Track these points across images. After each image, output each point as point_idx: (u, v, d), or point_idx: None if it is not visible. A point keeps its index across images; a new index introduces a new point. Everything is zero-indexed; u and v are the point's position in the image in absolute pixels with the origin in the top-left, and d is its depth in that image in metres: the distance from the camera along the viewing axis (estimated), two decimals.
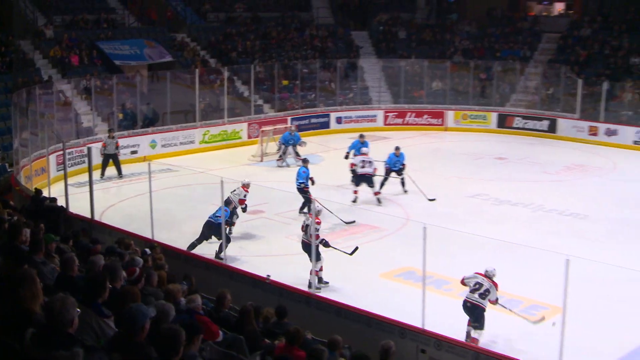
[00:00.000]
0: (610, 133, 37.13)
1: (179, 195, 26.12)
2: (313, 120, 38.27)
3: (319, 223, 17.81)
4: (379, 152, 28.61)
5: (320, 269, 18.04)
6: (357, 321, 14.21)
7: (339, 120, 39.21)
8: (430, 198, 26.26)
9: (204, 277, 15.99)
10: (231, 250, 19.26)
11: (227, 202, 20.23)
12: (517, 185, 28.75)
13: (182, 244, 18.87)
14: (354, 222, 22.69)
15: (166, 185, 26.66)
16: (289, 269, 18.47)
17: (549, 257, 15.98)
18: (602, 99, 38.03)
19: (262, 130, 33.14)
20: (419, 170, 30.42)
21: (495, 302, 15.33)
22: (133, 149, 31.57)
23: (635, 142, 36.35)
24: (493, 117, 40.58)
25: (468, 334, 14.78)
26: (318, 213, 18.67)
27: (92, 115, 32.83)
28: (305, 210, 22.83)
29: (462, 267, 19.24)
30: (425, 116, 40.54)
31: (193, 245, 19.57)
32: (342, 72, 41.75)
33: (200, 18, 42.67)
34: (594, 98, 39.08)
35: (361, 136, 28.54)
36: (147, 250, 15.36)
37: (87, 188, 20.99)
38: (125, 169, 29.31)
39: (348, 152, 27.94)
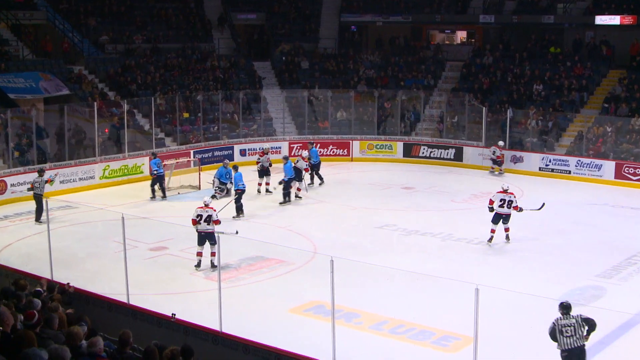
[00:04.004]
0: (516, 160, 37.77)
1: (78, 233, 25.60)
2: (216, 153, 37.97)
3: (214, 210, 21.83)
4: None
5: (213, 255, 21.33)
6: (266, 358, 14.03)
7: (243, 153, 38.99)
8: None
9: (106, 317, 15.68)
10: None
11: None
12: (425, 215, 28.94)
13: (83, 283, 18.42)
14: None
15: (65, 222, 26.21)
16: (194, 306, 18.24)
17: (459, 286, 16.06)
18: (507, 126, 38.67)
19: (165, 164, 32.71)
20: (326, 201, 30.58)
21: (517, 208, 24.26)
22: (29, 186, 30.85)
23: (541, 169, 37.03)
24: (399, 146, 40.91)
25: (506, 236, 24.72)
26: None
27: None
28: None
29: (371, 299, 19.37)
30: (331, 147, 40.65)
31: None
32: (244, 103, 41.61)
33: (98, 50, 42.04)
34: (498, 125, 39.73)
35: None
36: (42, 290, 14.89)
37: None
38: (22, 206, 28.67)
39: None
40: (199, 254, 21.63)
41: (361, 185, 34.40)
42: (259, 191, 32.02)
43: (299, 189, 31.15)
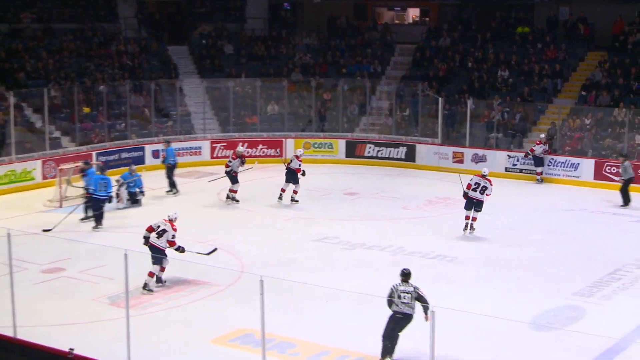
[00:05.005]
0: (477, 159, 37.98)
1: None
2: (124, 155, 37.61)
3: (175, 230, 21.86)
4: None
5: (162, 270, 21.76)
6: None
7: (155, 154, 38.63)
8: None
9: None
10: None
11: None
12: (372, 225, 29.06)
13: None
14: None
15: None
16: (98, 338, 18.05)
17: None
18: (467, 120, 38.86)
19: (61, 169, 32.31)
20: (255, 210, 30.46)
21: (489, 195, 27.11)
22: None
23: (507, 169, 37.24)
24: (341, 145, 41.10)
25: (471, 225, 27.49)
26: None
27: None
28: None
29: (309, 325, 19.36)
30: (260, 146, 40.56)
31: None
32: (157, 96, 41.33)
33: None
34: (457, 119, 39.91)
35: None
36: None
37: None
38: None
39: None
40: (151, 274, 21.47)
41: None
42: (228, 197, 32.10)
43: (295, 192, 31.64)
